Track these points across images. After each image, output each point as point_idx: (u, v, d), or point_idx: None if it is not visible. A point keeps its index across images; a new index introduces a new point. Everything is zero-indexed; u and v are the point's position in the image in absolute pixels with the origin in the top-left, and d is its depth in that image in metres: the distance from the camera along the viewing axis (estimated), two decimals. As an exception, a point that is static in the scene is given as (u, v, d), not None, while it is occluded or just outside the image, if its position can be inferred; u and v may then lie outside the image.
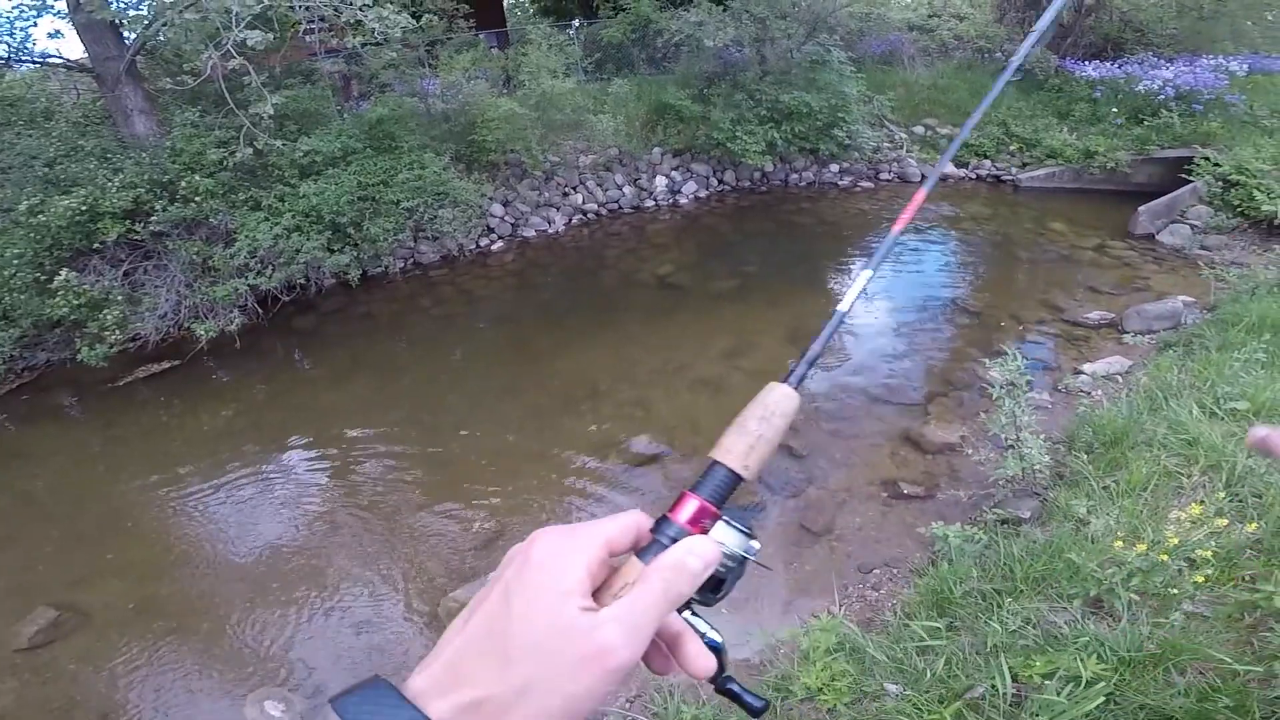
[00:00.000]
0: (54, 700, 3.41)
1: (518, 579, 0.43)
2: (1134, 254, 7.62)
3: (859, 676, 2.46)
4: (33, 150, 7.03)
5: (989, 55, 13.26)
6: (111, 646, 3.68)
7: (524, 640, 0.40)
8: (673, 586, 0.45)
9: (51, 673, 3.57)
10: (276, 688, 3.29)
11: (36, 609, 3.89)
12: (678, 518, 0.50)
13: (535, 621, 0.41)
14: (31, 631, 3.74)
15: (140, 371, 6.71)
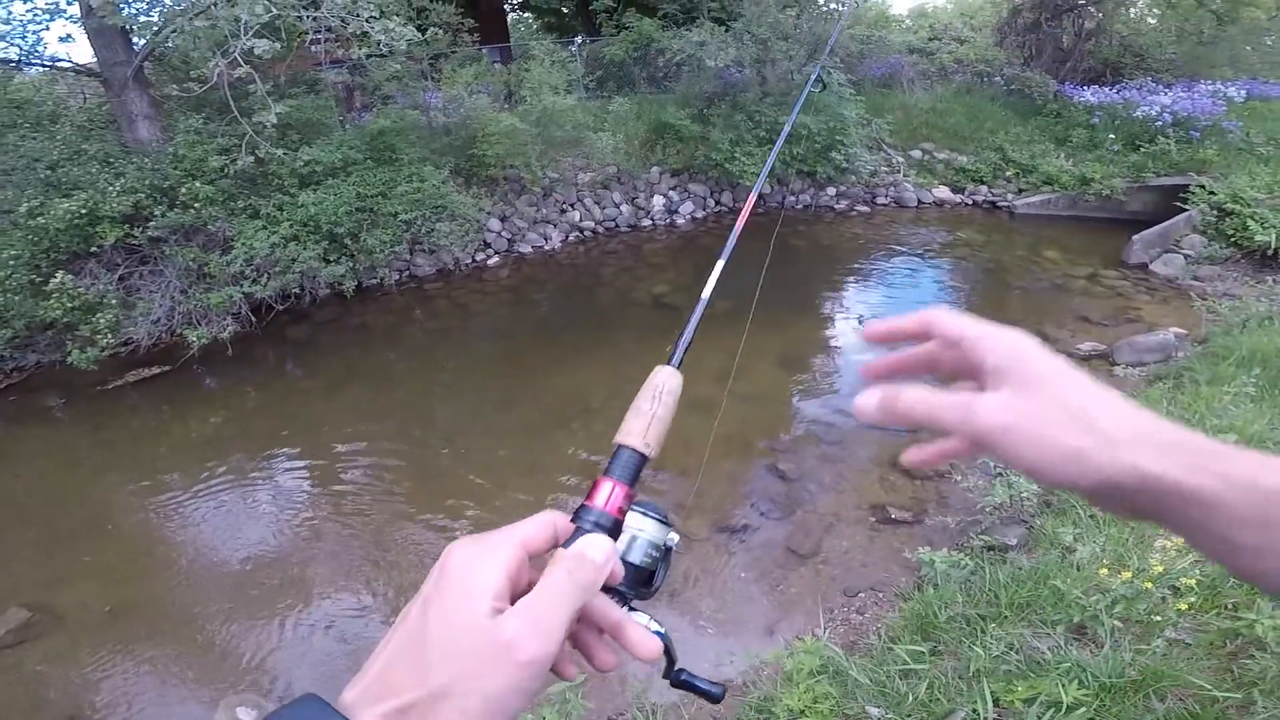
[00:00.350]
0: (20, 701, 3.37)
1: (435, 589, 0.44)
2: (1127, 284, 7.66)
3: (841, 699, 2.44)
4: (36, 153, 7.05)
5: (988, 79, 13.41)
6: (83, 649, 3.64)
7: (439, 645, 0.41)
8: (577, 576, 0.46)
9: (19, 674, 3.52)
10: (249, 694, 3.25)
11: (9, 610, 3.84)
12: (595, 503, 0.51)
13: (448, 626, 0.42)
14: (1, 632, 3.70)
15: (130, 376, 6.69)
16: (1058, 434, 0.44)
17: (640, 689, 2.77)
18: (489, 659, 0.41)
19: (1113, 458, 0.43)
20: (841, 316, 7.57)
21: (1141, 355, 5.79)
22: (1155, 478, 0.42)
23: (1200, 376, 4.74)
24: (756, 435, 5.18)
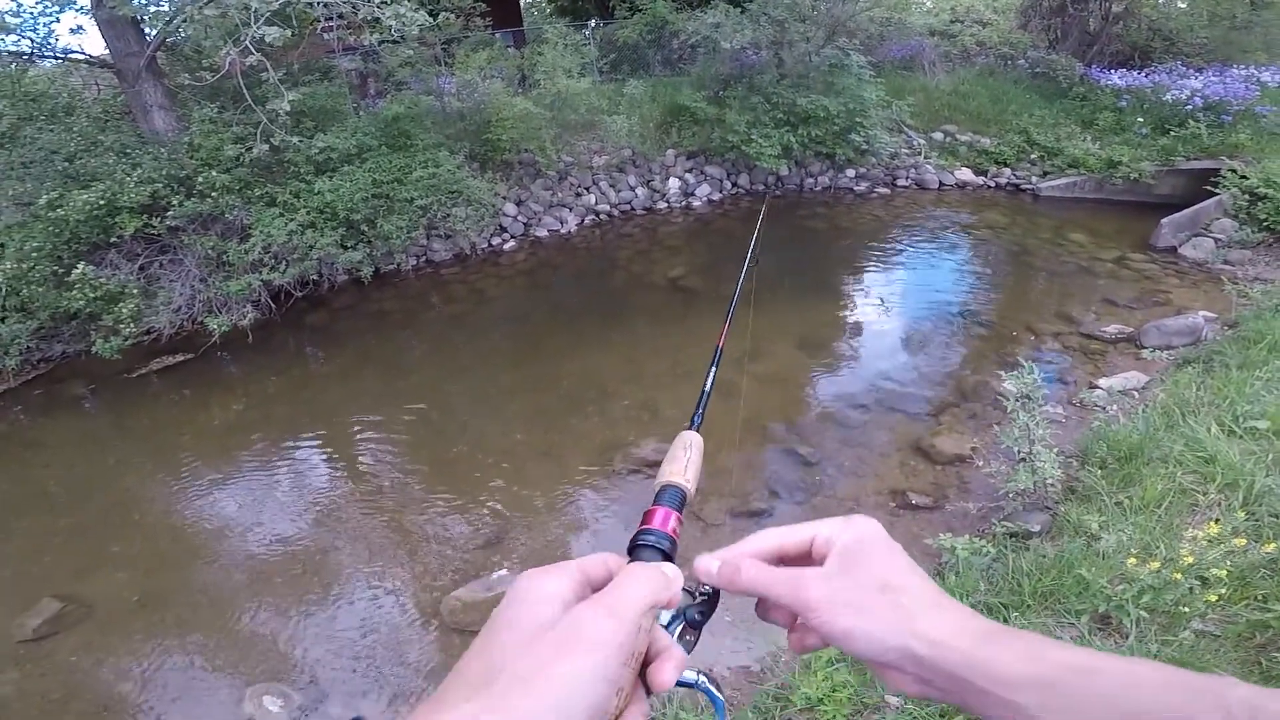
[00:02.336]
0: (54, 692, 3.43)
1: (503, 607, 0.45)
2: (1155, 267, 7.49)
3: (860, 687, 2.42)
4: (53, 145, 7.09)
5: (1011, 62, 13.12)
6: (114, 639, 3.70)
7: (510, 645, 0.42)
8: (652, 581, 0.48)
9: (52, 664, 3.58)
10: (275, 683, 3.28)
11: (42, 600, 3.91)
12: (653, 524, 0.56)
13: (517, 629, 0.43)
14: (36, 623, 3.76)
15: (154, 364, 6.78)
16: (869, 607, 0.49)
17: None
18: (558, 643, 0.41)
19: (911, 629, 0.48)
20: (861, 298, 7.47)
21: (1169, 338, 5.66)
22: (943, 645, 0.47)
23: (1231, 360, 4.61)
24: (775, 418, 5.14)
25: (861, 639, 0.49)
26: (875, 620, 0.49)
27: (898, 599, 0.49)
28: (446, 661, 3.37)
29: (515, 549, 4.07)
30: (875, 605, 0.50)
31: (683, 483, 0.61)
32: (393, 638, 3.55)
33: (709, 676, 0.55)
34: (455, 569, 3.95)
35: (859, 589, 0.50)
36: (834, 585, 0.51)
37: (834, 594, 0.50)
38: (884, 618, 0.49)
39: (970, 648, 0.46)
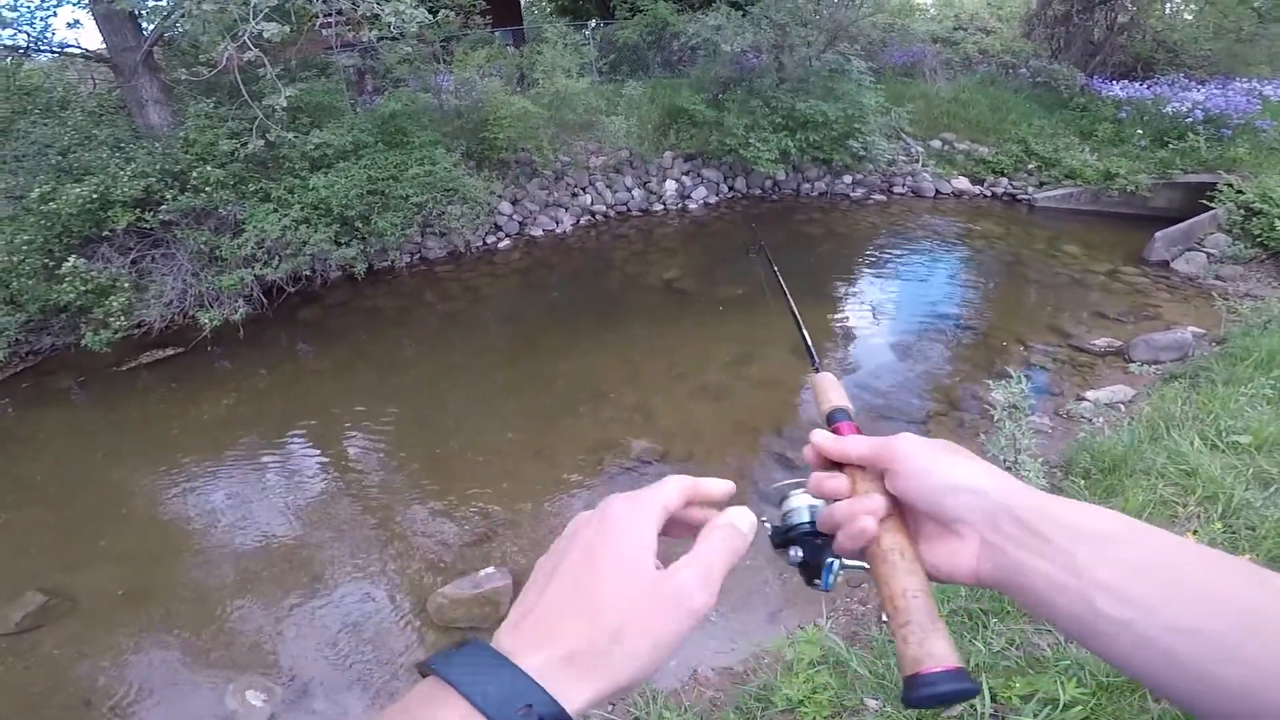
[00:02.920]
0: (35, 685, 3.41)
1: (600, 540, 0.47)
2: (1146, 280, 7.53)
3: (840, 690, 2.43)
4: (47, 139, 7.07)
5: (1013, 71, 13.17)
6: (98, 633, 3.69)
7: (613, 593, 0.44)
8: (731, 541, 0.51)
9: (35, 658, 3.57)
10: (259, 677, 3.28)
11: (26, 594, 3.89)
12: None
13: (621, 575, 0.45)
14: (19, 616, 3.74)
15: (144, 357, 6.76)
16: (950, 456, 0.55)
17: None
18: (663, 606, 0.44)
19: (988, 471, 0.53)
20: (854, 305, 7.50)
21: (1158, 353, 5.70)
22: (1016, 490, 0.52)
23: (1217, 376, 4.65)
24: (765, 422, 5.16)
25: (939, 475, 0.53)
26: (955, 462, 0.54)
27: (978, 460, 0.55)
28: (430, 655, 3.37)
29: (504, 547, 4.08)
30: (956, 453, 0.55)
31: (847, 405, 0.71)
32: (378, 634, 3.55)
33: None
34: (443, 566, 3.96)
35: (946, 447, 0.56)
36: (924, 439, 0.56)
37: (925, 441, 0.56)
38: (963, 463, 0.54)
39: (1045, 499, 0.49)
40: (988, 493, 0.51)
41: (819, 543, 0.62)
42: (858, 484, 0.58)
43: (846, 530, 0.55)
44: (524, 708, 0.40)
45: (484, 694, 0.40)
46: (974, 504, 0.51)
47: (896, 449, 0.56)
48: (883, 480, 0.57)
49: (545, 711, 0.40)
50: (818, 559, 0.61)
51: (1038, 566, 0.46)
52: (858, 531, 0.55)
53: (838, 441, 0.61)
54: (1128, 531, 0.46)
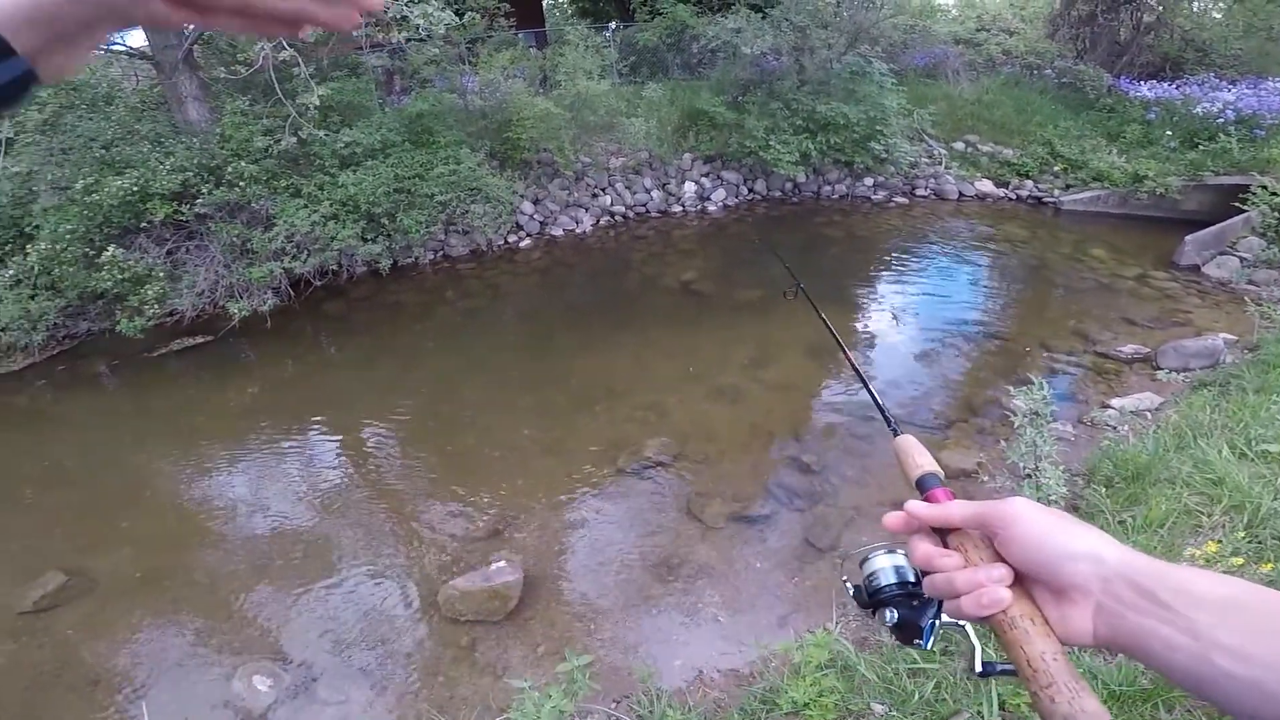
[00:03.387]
0: (46, 664, 3.48)
1: None
2: (1176, 285, 7.36)
3: (847, 694, 2.42)
4: (92, 133, 7.33)
5: (1038, 72, 12.96)
6: (112, 614, 3.76)
7: None
8: None
9: (49, 637, 3.64)
10: (267, 663, 3.33)
11: (47, 573, 3.98)
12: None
13: None
14: (37, 595, 3.82)
15: (174, 345, 6.94)
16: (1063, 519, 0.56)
17: (646, 672, 2.79)
18: None
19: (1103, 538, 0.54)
20: (874, 309, 7.44)
21: (1187, 360, 5.57)
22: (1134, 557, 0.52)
23: (1249, 384, 4.54)
24: (781, 425, 5.14)
25: (1054, 543, 0.54)
26: (1069, 529, 0.54)
27: (1091, 528, 0.55)
28: (440, 649, 3.41)
29: (516, 542, 4.11)
30: (1069, 520, 0.56)
31: (936, 469, 0.70)
32: (388, 624, 3.60)
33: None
34: (453, 559, 4.00)
35: (1055, 513, 0.56)
36: (1034, 504, 0.57)
37: (1035, 506, 0.57)
38: (1077, 528, 0.55)
39: (1164, 566, 0.50)
40: (1106, 560, 0.52)
41: (915, 604, 0.65)
42: (969, 552, 0.59)
43: (973, 598, 0.56)
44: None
45: None
46: (1091, 571, 0.52)
47: (1007, 514, 0.56)
48: (993, 545, 0.58)
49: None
50: (915, 620, 0.65)
51: (1158, 631, 0.48)
52: (991, 601, 0.55)
53: (941, 508, 0.62)
54: (1246, 596, 0.47)
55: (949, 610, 0.60)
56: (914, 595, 0.66)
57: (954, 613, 0.59)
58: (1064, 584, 0.53)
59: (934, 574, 0.60)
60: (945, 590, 0.59)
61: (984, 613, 0.56)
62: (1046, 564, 0.54)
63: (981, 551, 0.58)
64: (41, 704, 3.27)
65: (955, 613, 0.58)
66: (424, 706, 3.06)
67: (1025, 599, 0.56)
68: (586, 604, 3.63)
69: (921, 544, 0.62)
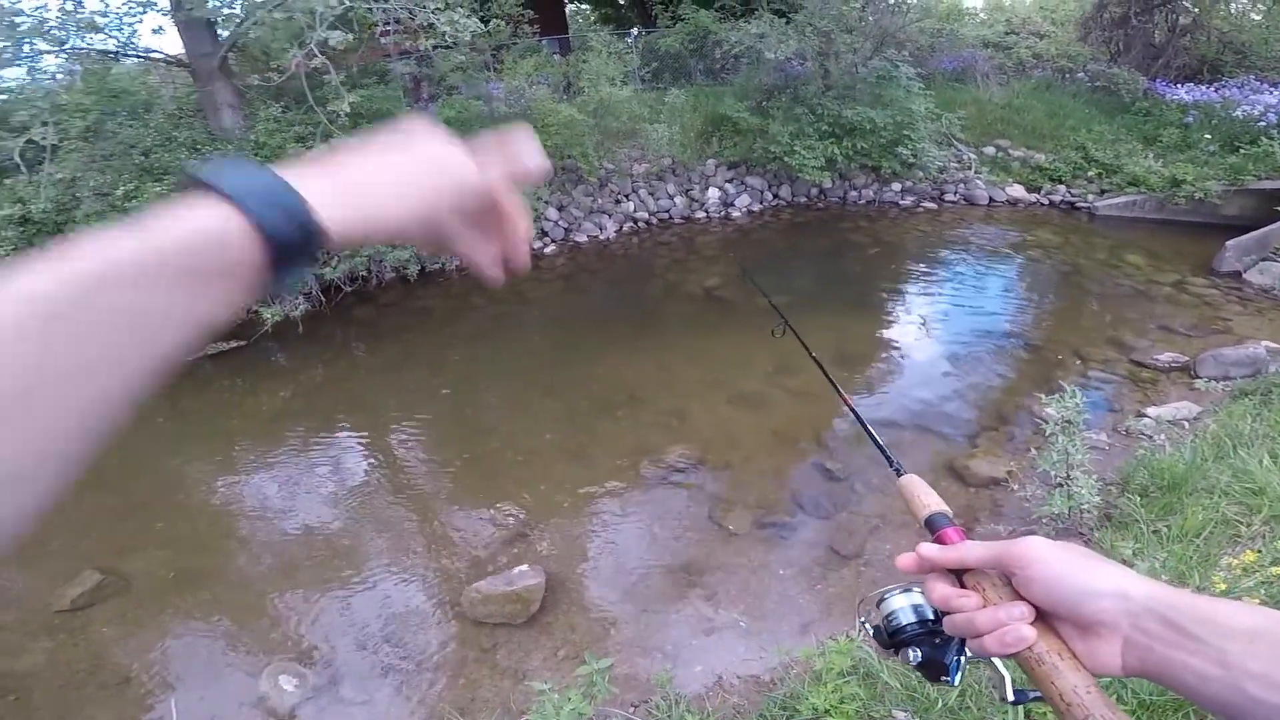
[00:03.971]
0: (80, 662, 3.54)
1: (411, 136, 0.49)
2: (1216, 293, 7.15)
3: (869, 701, 2.38)
4: (132, 140, 7.50)
5: (1070, 75, 12.73)
6: (145, 614, 3.82)
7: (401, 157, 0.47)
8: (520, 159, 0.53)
9: (85, 635, 3.70)
10: (293, 663, 3.37)
11: (83, 572, 4.05)
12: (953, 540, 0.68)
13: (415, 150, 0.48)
14: (75, 594, 3.88)
15: (208, 349, 7.08)
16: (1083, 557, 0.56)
17: (664, 677, 2.77)
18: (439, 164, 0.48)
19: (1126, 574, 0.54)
20: (902, 315, 7.34)
21: (1227, 369, 5.41)
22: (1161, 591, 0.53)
23: (1292, 393, 4.40)
24: (805, 433, 5.09)
25: (1077, 581, 0.54)
26: (1090, 566, 0.55)
27: (1110, 562, 0.55)
28: (462, 651, 3.43)
29: (538, 547, 4.12)
30: (1089, 557, 0.56)
31: (944, 508, 0.73)
32: (411, 626, 3.63)
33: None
34: (477, 562, 4.02)
35: (1073, 550, 0.56)
36: (1051, 542, 0.57)
37: (1051, 545, 0.56)
38: (1099, 567, 0.55)
39: (1191, 598, 0.51)
40: (1132, 596, 0.52)
41: (937, 642, 0.65)
42: (987, 590, 0.59)
43: (996, 638, 0.56)
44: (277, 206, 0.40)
45: (235, 185, 0.40)
46: (1117, 608, 0.52)
47: (1025, 555, 0.56)
48: (1010, 584, 0.58)
49: (292, 206, 0.40)
50: (939, 658, 0.65)
51: (1188, 662, 0.48)
52: (1015, 639, 0.55)
53: (955, 551, 0.62)
54: (1273, 625, 0.48)
55: (973, 649, 0.59)
56: (935, 633, 0.66)
57: (978, 651, 0.58)
58: (1089, 621, 0.54)
59: (954, 614, 0.60)
60: (966, 630, 0.59)
61: (1008, 651, 0.56)
62: (1069, 602, 0.54)
63: (1000, 590, 0.58)
64: (75, 702, 3.33)
65: (979, 651, 0.58)
66: (446, 708, 3.07)
67: (1051, 634, 0.56)
68: (607, 608, 3.62)
69: (938, 585, 0.62)
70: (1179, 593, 0.51)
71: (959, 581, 0.62)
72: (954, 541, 0.65)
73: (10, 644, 3.68)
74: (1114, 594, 0.52)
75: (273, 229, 0.39)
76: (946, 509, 0.71)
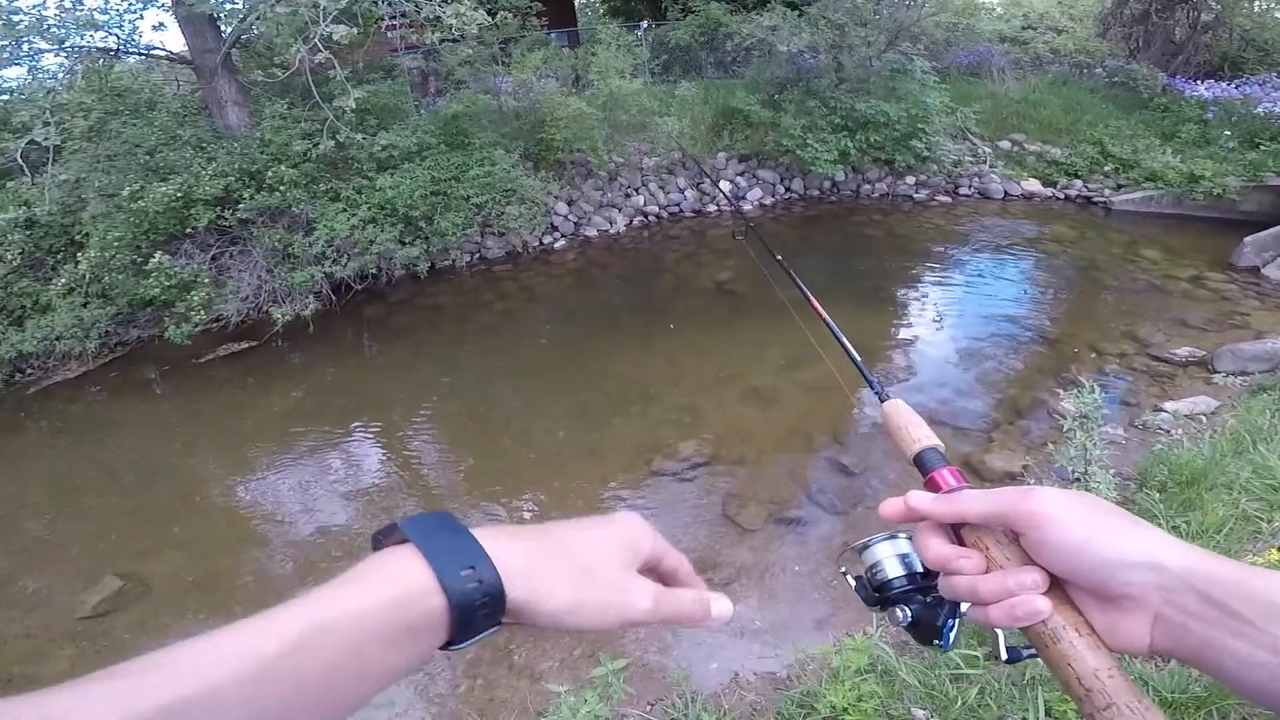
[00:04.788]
0: (103, 669, 3.57)
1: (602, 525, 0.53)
2: (1234, 288, 7.06)
3: (887, 699, 2.36)
4: (136, 139, 7.44)
5: (1087, 70, 12.59)
6: (166, 618, 3.83)
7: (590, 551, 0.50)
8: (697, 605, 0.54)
9: (108, 642, 3.72)
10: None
11: (104, 578, 4.08)
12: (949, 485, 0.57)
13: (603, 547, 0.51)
14: (96, 600, 3.91)
15: (221, 350, 7.12)
16: (1108, 517, 0.47)
17: (680, 675, 2.76)
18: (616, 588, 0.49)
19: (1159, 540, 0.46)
20: (916, 309, 7.29)
21: (1245, 364, 5.33)
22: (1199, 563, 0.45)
23: (1313, 387, 4.32)
24: (820, 427, 5.06)
25: (1101, 549, 0.45)
26: (1118, 531, 0.46)
27: (1139, 523, 0.47)
28: (479, 651, 3.42)
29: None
30: (1117, 518, 0.47)
31: (936, 442, 0.62)
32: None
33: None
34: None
35: (1096, 507, 0.48)
36: (1069, 496, 0.48)
37: (1069, 501, 0.48)
38: (1128, 531, 0.46)
39: (1237, 572, 0.43)
40: (1168, 568, 0.44)
41: (928, 600, 0.57)
42: (991, 549, 0.51)
43: (1004, 609, 0.48)
44: (469, 569, 0.42)
45: (432, 547, 0.43)
46: (1150, 580, 0.44)
47: (1038, 511, 0.48)
48: (1017, 541, 0.50)
49: (488, 579, 0.43)
50: (931, 619, 0.57)
51: (1230, 645, 0.42)
52: (1026, 613, 0.48)
53: (950, 502, 0.53)
54: None
55: (974, 617, 0.51)
56: (926, 589, 0.58)
57: (980, 620, 0.50)
58: (1115, 594, 0.46)
59: (951, 576, 0.52)
60: (967, 597, 0.51)
61: (1017, 624, 0.49)
62: (1092, 573, 0.46)
63: (1006, 549, 0.50)
64: None
65: (982, 621, 0.50)
66: (464, 709, 3.08)
67: (1066, 605, 0.48)
68: (621, 606, 3.60)
69: (932, 540, 0.53)
70: (1222, 563, 0.44)
71: (956, 535, 0.53)
72: (949, 486, 0.56)
73: (35, 651, 3.70)
74: (1146, 565, 0.44)
75: (465, 602, 0.42)
76: (939, 444, 0.60)
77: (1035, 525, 0.47)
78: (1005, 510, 0.49)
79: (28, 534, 4.75)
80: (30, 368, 6.95)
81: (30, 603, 4.08)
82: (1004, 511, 0.49)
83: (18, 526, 4.83)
